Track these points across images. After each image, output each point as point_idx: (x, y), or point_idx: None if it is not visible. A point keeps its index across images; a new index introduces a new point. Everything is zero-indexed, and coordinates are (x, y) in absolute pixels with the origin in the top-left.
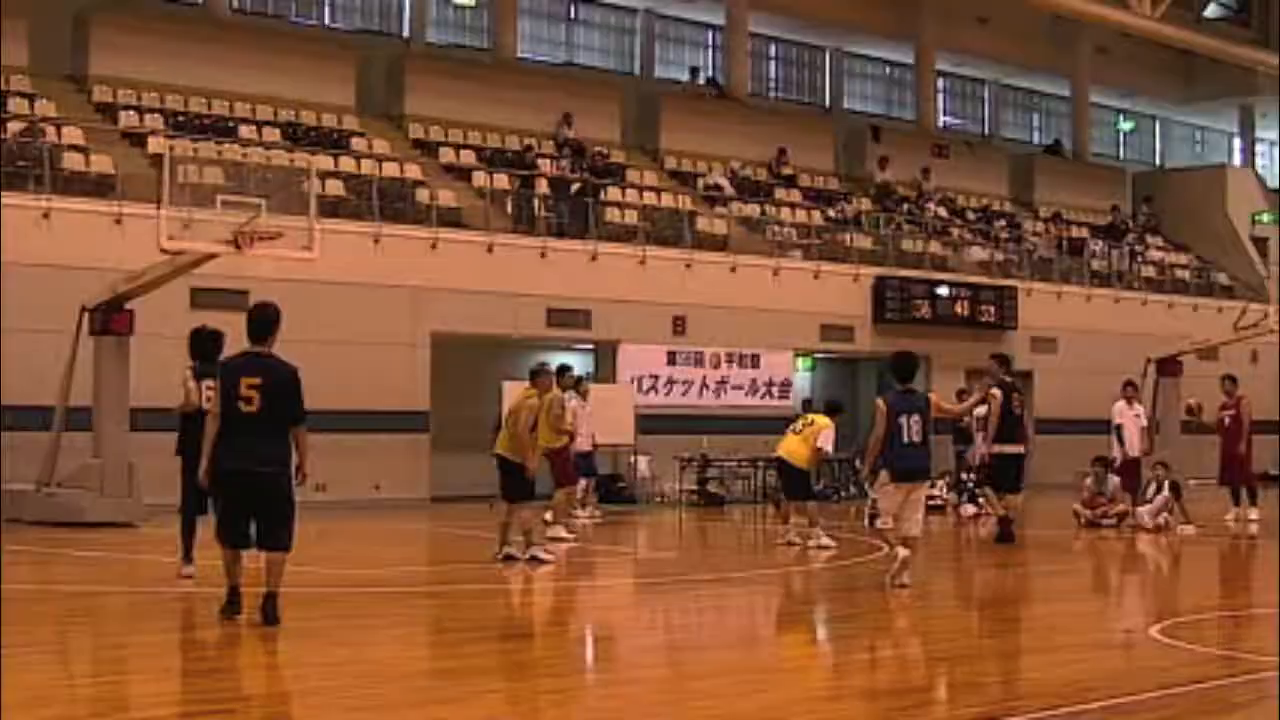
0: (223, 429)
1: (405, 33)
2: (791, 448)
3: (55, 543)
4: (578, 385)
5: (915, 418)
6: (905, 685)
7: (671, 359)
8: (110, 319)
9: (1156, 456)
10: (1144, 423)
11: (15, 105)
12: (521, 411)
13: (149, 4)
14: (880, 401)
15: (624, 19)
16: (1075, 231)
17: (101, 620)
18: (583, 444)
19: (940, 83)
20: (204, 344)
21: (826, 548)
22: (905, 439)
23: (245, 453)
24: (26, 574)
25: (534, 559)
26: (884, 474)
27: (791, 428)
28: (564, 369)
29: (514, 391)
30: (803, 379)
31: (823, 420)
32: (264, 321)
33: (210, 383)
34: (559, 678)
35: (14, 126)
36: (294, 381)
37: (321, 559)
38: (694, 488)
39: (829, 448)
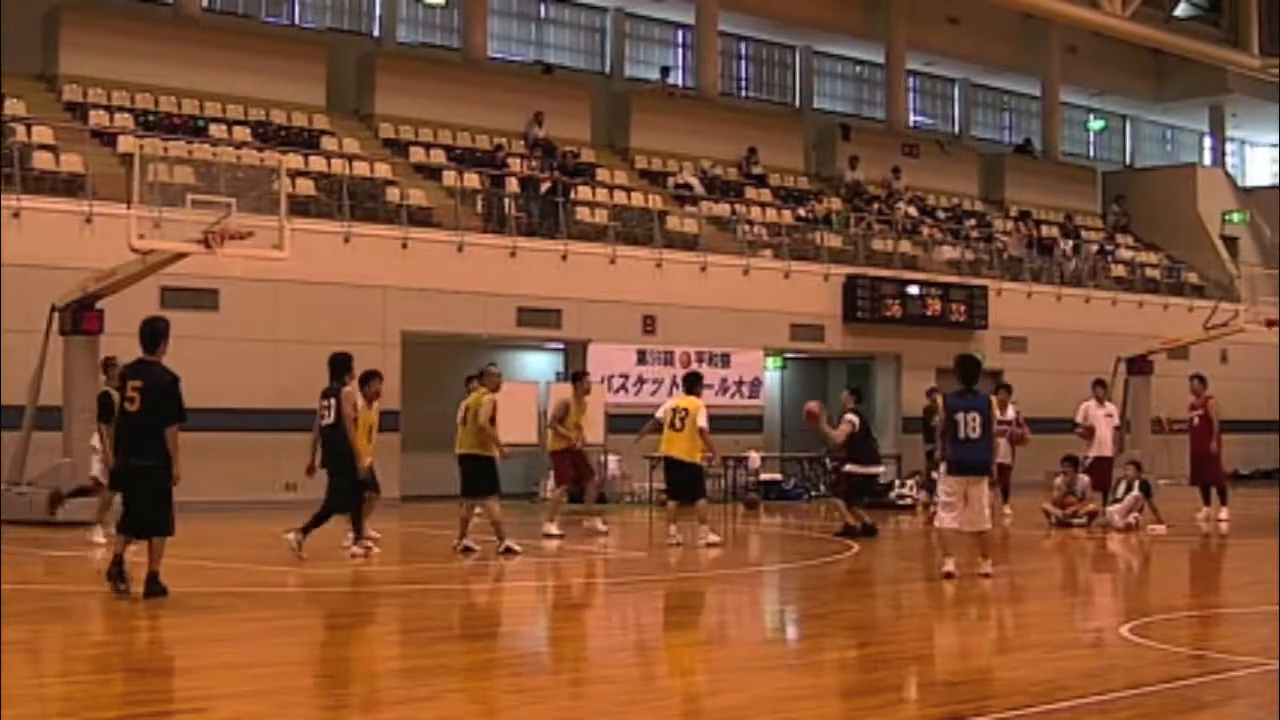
0: (117, 428)
1: (375, 32)
2: (678, 445)
3: (25, 541)
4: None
5: (974, 415)
6: (875, 684)
7: (642, 358)
8: (80, 318)
9: (1128, 456)
10: (1116, 422)
11: None
12: (481, 407)
13: (119, 3)
14: (939, 399)
15: (594, 18)
16: (1045, 231)
17: (71, 620)
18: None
19: (911, 82)
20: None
21: (715, 544)
22: (963, 435)
23: (130, 449)
24: None
25: (508, 550)
26: (943, 467)
27: (669, 424)
28: (578, 375)
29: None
30: (773, 378)
31: (693, 402)
32: (154, 334)
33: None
34: (527, 677)
35: None
36: (172, 386)
37: (291, 558)
38: (663, 487)
39: (705, 424)
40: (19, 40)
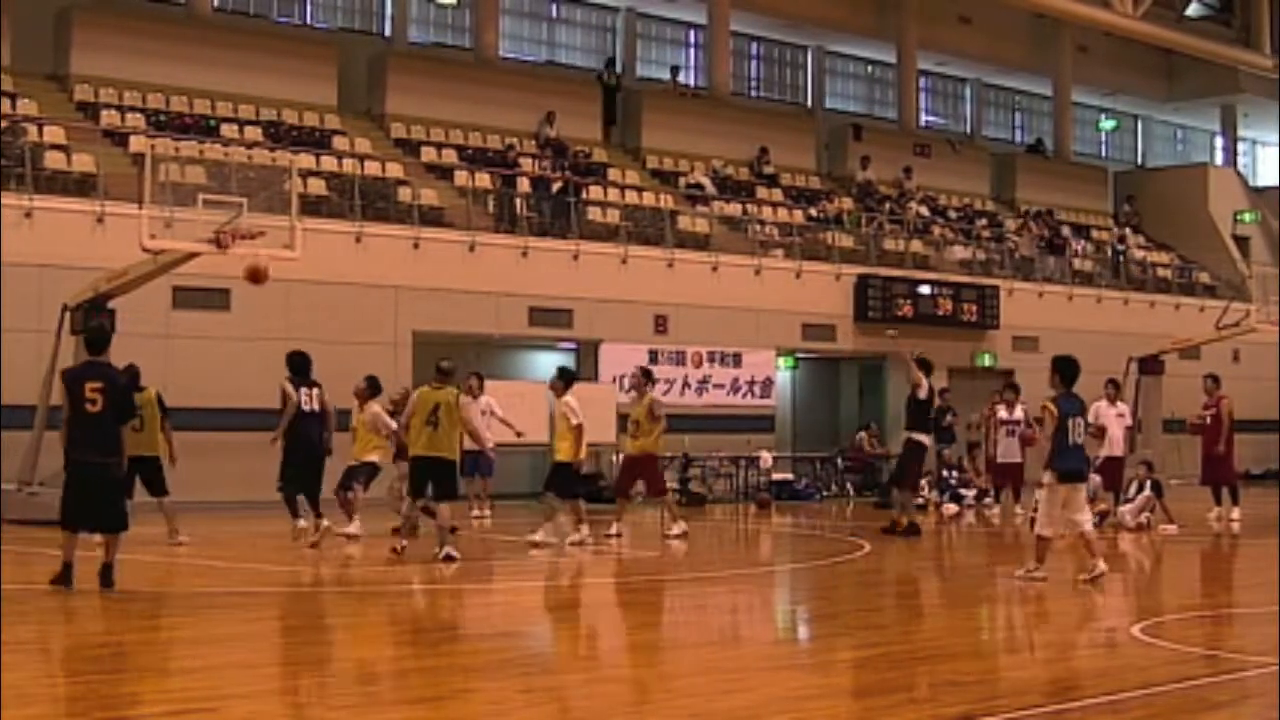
0: (73, 427)
1: (387, 32)
2: (558, 445)
3: (36, 542)
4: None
5: (1079, 420)
6: (886, 684)
7: (653, 358)
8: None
9: (1139, 456)
10: (1128, 422)
11: None
12: (458, 409)
13: (131, 3)
14: (1050, 404)
15: (605, 18)
16: (1057, 231)
17: (82, 619)
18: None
19: (922, 82)
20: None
21: (582, 543)
22: (1071, 440)
23: (93, 447)
24: (7, 573)
25: (448, 557)
26: (1049, 474)
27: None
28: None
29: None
30: (784, 378)
31: (564, 398)
32: (102, 337)
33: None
34: (537, 676)
35: None
36: (127, 387)
37: (302, 557)
38: (675, 487)
39: (579, 416)
40: (31, 40)
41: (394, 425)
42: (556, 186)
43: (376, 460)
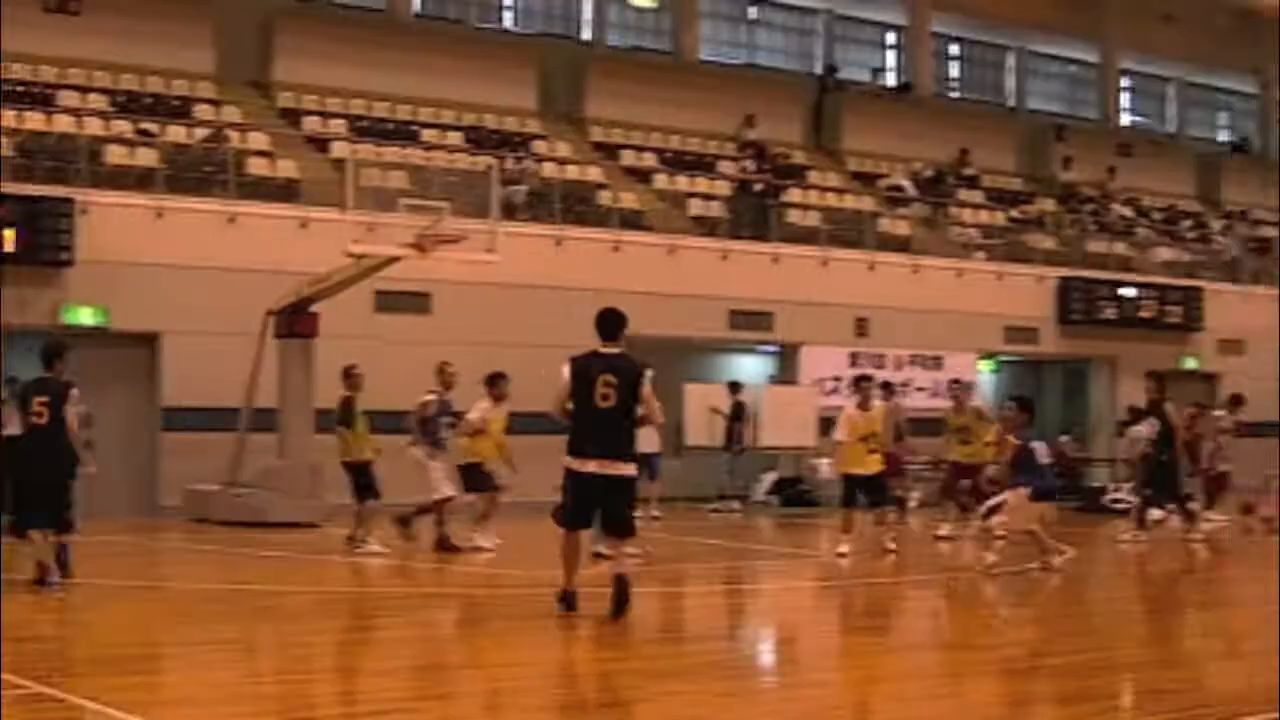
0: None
1: (586, 36)
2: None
3: (241, 542)
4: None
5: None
6: (1090, 691)
7: (854, 360)
8: (296, 322)
9: None
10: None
11: (201, 111)
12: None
13: (332, 10)
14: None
15: (805, 20)
16: (1264, 231)
17: (285, 619)
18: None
19: (1124, 81)
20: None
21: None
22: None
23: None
24: (212, 573)
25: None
26: None
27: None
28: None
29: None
30: (986, 381)
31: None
32: (52, 352)
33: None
34: (741, 679)
35: (200, 132)
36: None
37: (507, 560)
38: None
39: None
40: (235, 48)
41: None
42: (757, 189)
43: None
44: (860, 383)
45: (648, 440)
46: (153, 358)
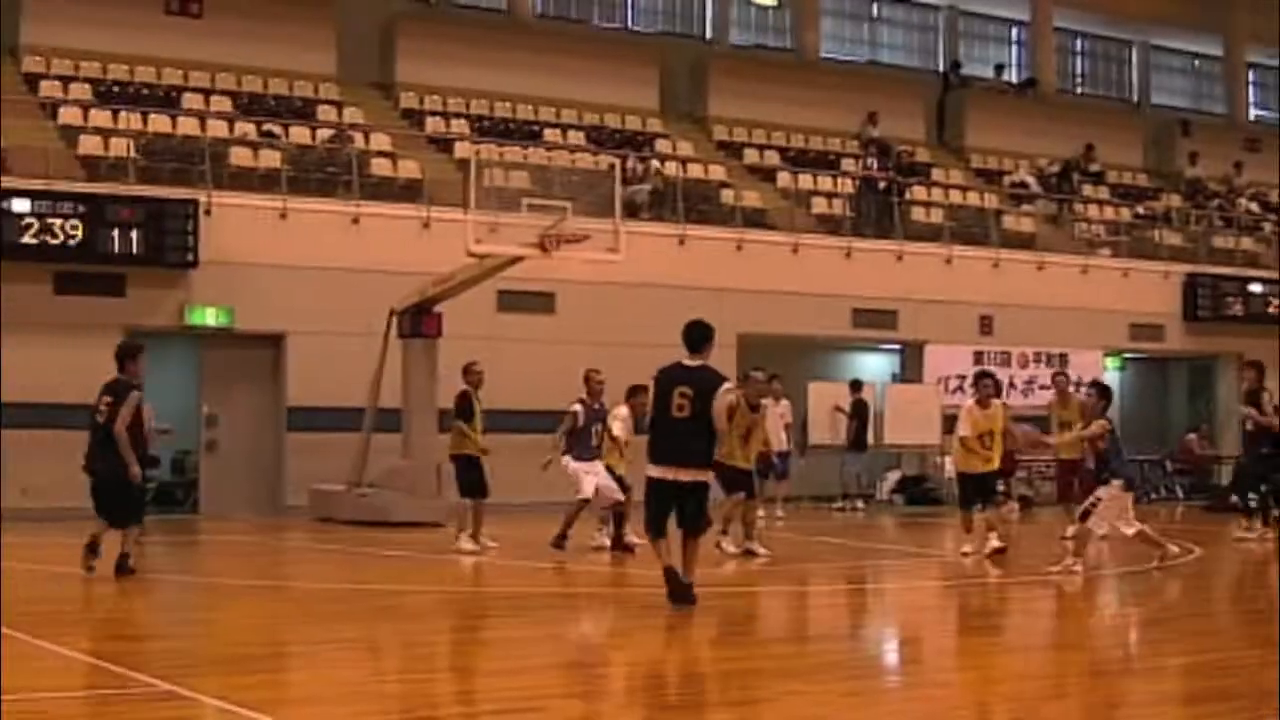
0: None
1: (708, 34)
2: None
3: (365, 542)
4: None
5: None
6: (1214, 692)
7: (979, 359)
8: (419, 322)
9: None
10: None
11: (324, 113)
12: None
13: (454, 11)
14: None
15: (927, 16)
16: None
17: (408, 619)
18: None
19: (1251, 75)
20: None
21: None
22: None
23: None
24: (336, 573)
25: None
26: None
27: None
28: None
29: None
30: (1112, 378)
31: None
32: (125, 354)
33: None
34: (860, 679)
35: (323, 134)
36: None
37: (621, 559)
38: (1001, 489)
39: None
40: (357, 50)
41: None
42: (882, 186)
43: None
44: (980, 380)
45: (776, 439)
46: (277, 358)
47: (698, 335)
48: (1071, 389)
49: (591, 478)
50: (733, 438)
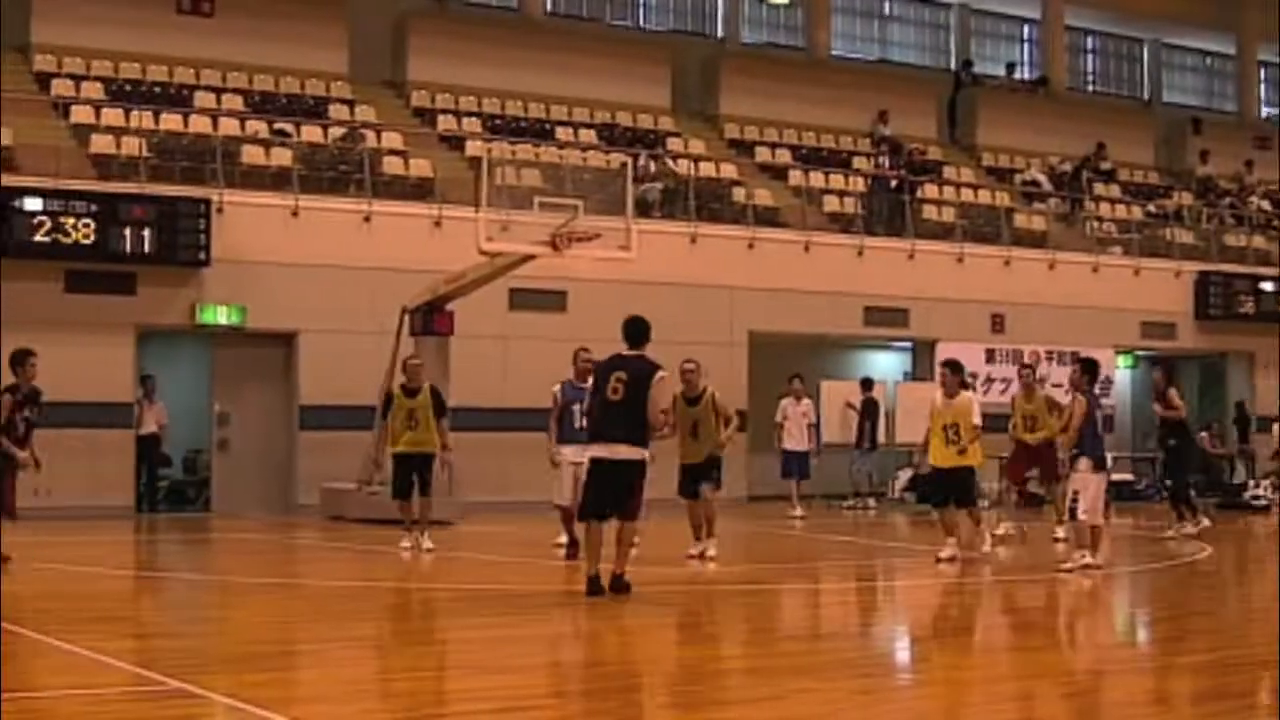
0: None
1: (719, 33)
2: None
3: (375, 540)
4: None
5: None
6: (1224, 689)
7: (990, 357)
8: (431, 320)
9: None
10: None
11: (336, 111)
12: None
13: (465, 9)
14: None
15: (938, 14)
16: None
17: (418, 617)
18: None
19: (1262, 73)
20: None
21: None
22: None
23: None
24: (347, 570)
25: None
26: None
27: None
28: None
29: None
30: (1123, 377)
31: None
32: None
33: None
34: (870, 677)
35: (335, 132)
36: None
37: (637, 558)
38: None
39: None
40: (368, 48)
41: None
42: (892, 185)
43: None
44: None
45: (796, 439)
46: (289, 356)
47: (636, 330)
48: (1037, 385)
49: (569, 477)
50: (680, 432)
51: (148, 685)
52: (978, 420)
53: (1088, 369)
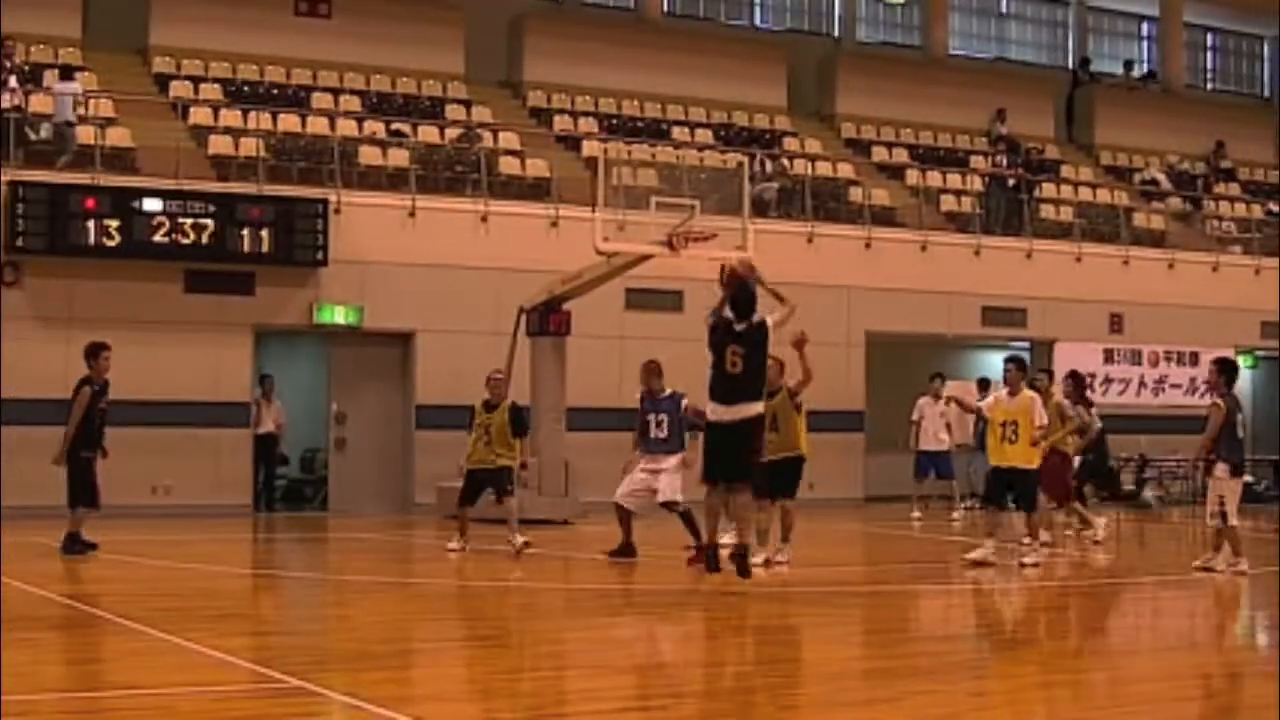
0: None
1: (836, 32)
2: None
3: (492, 540)
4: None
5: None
6: None
7: (1109, 357)
8: (548, 319)
9: None
10: None
11: (453, 112)
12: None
13: (582, 10)
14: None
15: (1056, 12)
16: None
17: (536, 616)
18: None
19: None
20: None
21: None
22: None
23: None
24: (463, 570)
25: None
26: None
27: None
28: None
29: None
30: (1243, 377)
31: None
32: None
33: None
34: (988, 680)
35: (452, 133)
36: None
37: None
38: (1131, 488)
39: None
40: (485, 49)
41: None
42: (1010, 184)
43: None
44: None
45: (935, 439)
46: (406, 356)
47: (747, 301)
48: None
49: (627, 481)
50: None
51: (267, 683)
52: (1042, 420)
53: (1225, 370)
